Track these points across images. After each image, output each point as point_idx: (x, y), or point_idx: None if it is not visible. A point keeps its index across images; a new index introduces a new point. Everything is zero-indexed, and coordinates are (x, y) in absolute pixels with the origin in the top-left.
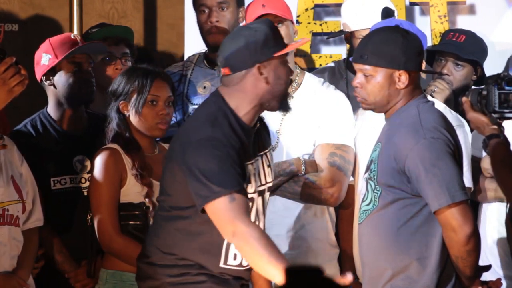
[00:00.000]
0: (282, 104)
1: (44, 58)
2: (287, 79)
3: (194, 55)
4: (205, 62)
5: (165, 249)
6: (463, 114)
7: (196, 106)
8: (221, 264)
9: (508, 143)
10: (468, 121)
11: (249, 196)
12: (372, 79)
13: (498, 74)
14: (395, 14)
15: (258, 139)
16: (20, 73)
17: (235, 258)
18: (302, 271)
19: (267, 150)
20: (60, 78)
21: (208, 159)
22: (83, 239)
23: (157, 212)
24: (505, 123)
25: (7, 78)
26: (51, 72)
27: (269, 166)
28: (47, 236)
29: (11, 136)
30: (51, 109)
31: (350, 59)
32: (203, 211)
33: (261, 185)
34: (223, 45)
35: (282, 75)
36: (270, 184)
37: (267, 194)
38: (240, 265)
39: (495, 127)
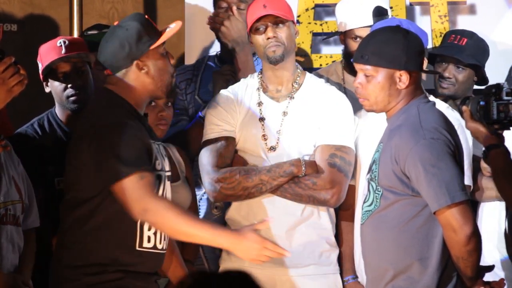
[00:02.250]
0: (167, 92)
1: (39, 66)
2: (170, 68)
3: (205, 56)
4: (216, 61)
5: (79, 248)
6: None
7: None
8: (137, 247)
9: (508, 152)
10: None
11: (158, 173)
12: (373, 79)
13: (498, 84)
14: (388, 12)
15: (150, 129)
16: (19, 73)
17: (149, 241)
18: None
19: (158, 142)
20: (52, 86)
21: (116, 140)
22: None
23: (64, 211)
24: (505, 133)
25: (6, 77)
26: (46, 79)
27: (165, 155)
28: (48, 236)
29: (17, 135)
30: (57, 109)
31: (352, 59)
32: (110, 191)
33: (164, 170)
34: (100, 47)
35: (163, 66)
36: (168, 173)
37: (168, 182)
38: (155, 247)
39: (494, 137)
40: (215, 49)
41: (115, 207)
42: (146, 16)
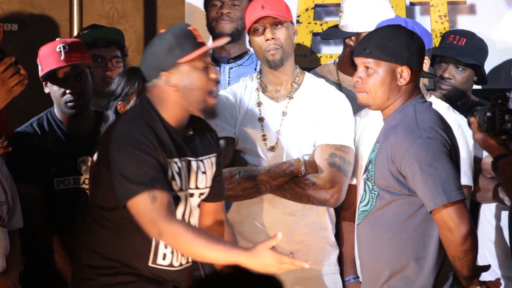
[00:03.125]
0: (204, 110)
1: (39, 67)
2: (204, 85)
3: None
4: None
5: (94, 249)
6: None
7: None
8: (150, 263)
9: None
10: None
11: (175, 194)
12: (374, 73)
13: (504, 94)
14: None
15: (191, 144)
16: (19, 73)
17: (164, 258)
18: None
19: (204, 157)
20: (51, 89)
21: (125, 157)
22: None
23: (87, 212)
24: None
25: (7, 78)
26: (45, 81)
27: (204, 173)
28: (47, 237)
29: (16, 135)
30: (56, 109)
31: (354, 55)
32: (125, 208)
33: (190, 188)
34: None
35: (194, 81)
36: (202, 191)
37: (196, 199)
38: (171, 265)
39: (502, 147)
40: None
41: (129, 222)
42: (190, 28)
